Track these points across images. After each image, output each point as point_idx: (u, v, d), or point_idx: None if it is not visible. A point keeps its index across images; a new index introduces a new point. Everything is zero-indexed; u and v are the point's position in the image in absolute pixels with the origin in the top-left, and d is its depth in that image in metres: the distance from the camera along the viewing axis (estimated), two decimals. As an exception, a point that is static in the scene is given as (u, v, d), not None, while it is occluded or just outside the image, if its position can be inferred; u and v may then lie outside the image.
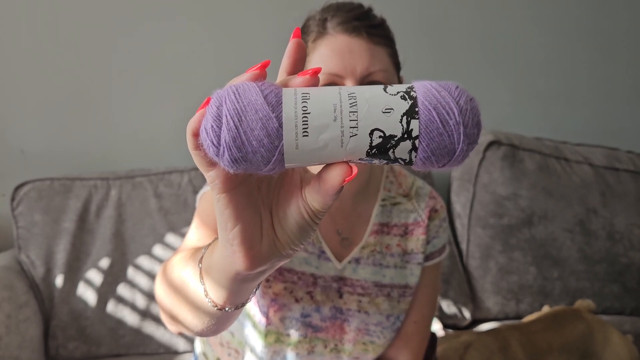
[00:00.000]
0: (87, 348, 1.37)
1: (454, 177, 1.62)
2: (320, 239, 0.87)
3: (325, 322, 0.87)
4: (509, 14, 1.77)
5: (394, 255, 0.90)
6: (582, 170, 1.59)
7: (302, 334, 0.85)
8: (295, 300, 0.85)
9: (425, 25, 1.74)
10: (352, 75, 0.76)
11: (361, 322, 0.88)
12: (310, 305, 0.85)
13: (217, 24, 1.64)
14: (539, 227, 1.53)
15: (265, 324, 0.85)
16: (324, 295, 0.86)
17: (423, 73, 1.76)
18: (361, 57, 0.76)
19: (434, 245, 0.94)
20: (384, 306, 0.89)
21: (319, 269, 0.86)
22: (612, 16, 1.81)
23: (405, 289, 0.91)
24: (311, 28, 0.80)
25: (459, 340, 1.05)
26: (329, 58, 0.77)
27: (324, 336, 0.87)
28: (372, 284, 0.88)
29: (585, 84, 1.83)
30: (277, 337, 0.85)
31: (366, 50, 0.77)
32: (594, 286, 1.55)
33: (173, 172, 1.50)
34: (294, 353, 0.86)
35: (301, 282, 0.86)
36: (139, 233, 1.43)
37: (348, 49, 0.76)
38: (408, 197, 0.93)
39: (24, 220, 1.40)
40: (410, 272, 0.91)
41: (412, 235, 0.92)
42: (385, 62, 0.78)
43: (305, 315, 0.85)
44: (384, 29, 0.80)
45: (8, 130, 1.61)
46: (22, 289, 1.34)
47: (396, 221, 0.91)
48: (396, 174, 0.95)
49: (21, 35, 1.57)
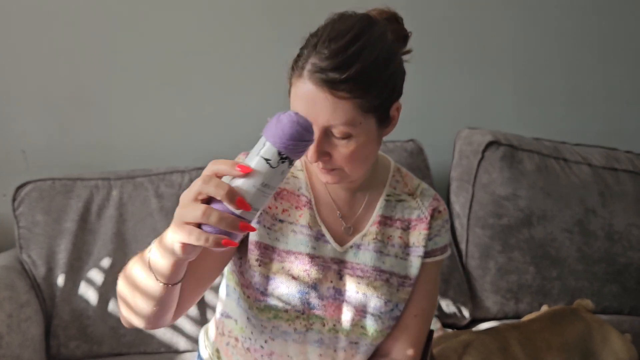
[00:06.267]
0: (88, 347, 1.38)
1: (453, 178, 1.62)
2: (320, 223, 0.93)
3: (323, 300, 0.91)
4: (509, 15, 1.77)
5: (395, 246, 0.95)
6: (581, 170, 1.60)
7: (299, 310, 0.89)
8: (292, 278, 0.89)
9: (425, 25, 1.74)
10: (316, 123, 0.78)
11: (359, 304, 0.92)
12: (306, 282, 0.90)
13: (219, 24, 1.65)
14: (538, 227, 1.54)
15: (262, 300, 0.89)
16: (321, 274, 0.90)
17: (423, 73, 1.76)
18: (323, 110, 0.78)
19: (436, 243, 0.97)
20: (383, 290, 0.92)
21: (317, 249, 0.91)
22: (611, 17, 1.82)
23: (405, 279, 0.95)
24: (299, 60, 0.81)
25: (457, 340, 1.05)
26: (299, 101, 0.80)
27: (322, 314, 0.91)
28: (371, 267, 0.93)
29: (585, 84, 1.84)
30: (275, 313, 0.89)
31: (329, 105, 0.77)
32: (592, 286, 1.56)
33: (174, 172, 1.51)
34: (291, 329, 0.90)
35: (298, 261, 0.90)
36: (140, 233, 1.43)
37: (312, 100, 0.78)
38: (413, 196, 0.98)
39: (25, 220, 1.41)
40: (411, 263, 0.95)
41: (414, 230, 0.96)
42: (348, 116, 0.78)
43: (303, 293, 0.89)
44: (356, 81, 0.77)
45: (9, 131, 1.61)
46: (24, 289, 1.34)
47: (400, 216, 0.96)
48: (403, 175, 1.00)
49: (22, 35, 1.58)
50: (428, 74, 1.77)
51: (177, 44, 1.64)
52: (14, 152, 1.63)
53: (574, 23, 1.80)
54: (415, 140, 1.62)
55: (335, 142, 0.81)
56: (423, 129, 1.72)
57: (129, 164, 1.60)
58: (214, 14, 1.64)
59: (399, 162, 1.52)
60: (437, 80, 1.77)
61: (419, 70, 1.75)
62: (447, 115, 1.79)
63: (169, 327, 1.40)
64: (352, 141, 0.81)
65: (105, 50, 1.62)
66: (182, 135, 1.69)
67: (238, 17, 1.65)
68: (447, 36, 1.75)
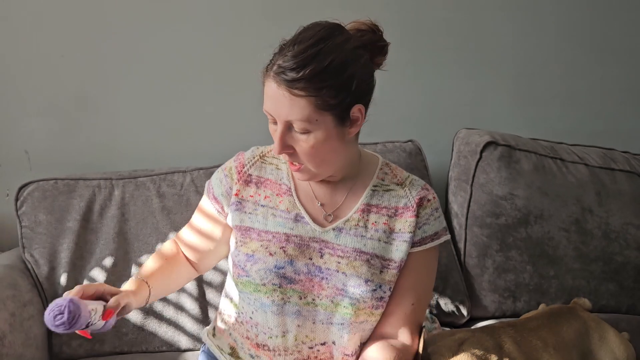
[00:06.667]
0: (90, 346, 1.39)
1: (452, 178, 1.63)
2: (299, 207, 1.02)
3: (299, 275, 0.99)
4: (506, 16, 1.78)
5: (379, 231, 1.01)
6: (577, 170, 1.61)
7: (276, 283, 0.98)
8: (269, 254, 0.99)
9: (423, 27, 1.75)
10: (279, 118, 0.91)
11: (339, 282, 0.98)
12: (283, 258, 0.98)
13: (219, 25, 1.66)
14: (535, 227, 1.55)
15: (244, 275, 1.00)
16: (298, 251, 0.99)
17: (421, 75, 1.78)
18: (283, 106, 0.90)
19: (425, 231, 1.03)
20: (362, 270, 0.98)
21: (294, 230, 1.01)
22: (608, 18, 1.82)
23: (389, 261, 1.01)
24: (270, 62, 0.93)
25: (453, 338, 1.05)
26: (267, 99, 0.93)
27: (299, 288, 0.99)
28: (351, 249, 1.00)
29: (582, 85, 1.85)
30: (255, 287, 0.99)
31: (287, 101, 0.89)
32: (590, 284, 1.57)
33: (175, 172, 1.52)
34: (269, 301, 0.98)
35: (275, 239, 1.00)
36: (142, 232, 1.44)
37: (275, 97, 0.90)
38: (402, 186, 1.05)
39: (28, 219, 1.42)
40: (396, 248, 1.01)
41: (401, 217, 1.02)
42: (304, 112, 0.89)
43: (279, 267, 0.98)
44: (311, 80, 0.87)
45: (12, 131, 1.63)
46: (26, 288, 1.36)
47: (386, 204, 1.03)
48: (392, 168, 1.08)
49: (25, 36, 1.59)
50: (426, 75, 1.78)
51: (178, 46, 1.65)
52: (17, 152, 1.64)
53: (570, 24, 1.81)
54: (414, 141, 1.63)
55: (296, 136, 0.92)
56: (421, 130, 1.74)
57: (131, 164, 1.61)
58: (214, 15, 1.65)
59: (398, 162, 1.53)
60: (435, 82, 1.79)
61: (418, 71, 1.78)
62: (446, 116, 1.80)
63: (170, 325, 1.41)
64: (310, 136, 0.91)
65: (108, 52, 1.63)
66: (184, 136, 1.70)
67: (238, 18, 1.66)
68: (445, 38, 1.76)
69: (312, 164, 0.94)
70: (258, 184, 1.05)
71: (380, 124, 1.77)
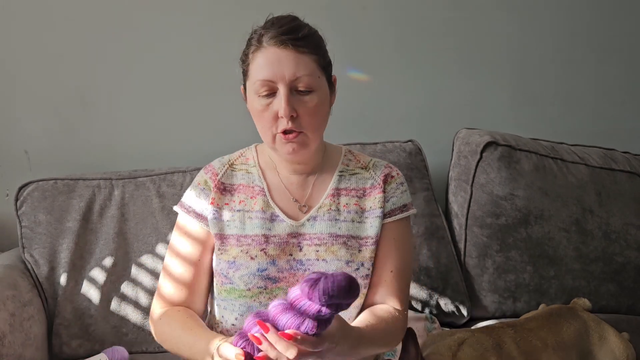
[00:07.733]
0: (90, 346, 1.39)
1: (452, 178, 1.63)
2: (273, 206, 1.04)
3: (283, 272, 1.00)
4: (506, 16, 1.78)
5: (351, 212, 1.05)
6: (578, 170, 1.61)
7: (262, 286, 0.99)
8: (250, 258, 1.00)
9: (423, 27, 1.75)
10: (282, 80, 0.94)
11: (321, 269, 1.00)
12: (265, 260, 1.00)
13: (219, 25, 1.66)
14: (536, 227, 1.55)
15: (227, 283, 1.01)
16: (278, 249, 1.01)
17: (421, 75, 1.78)
18: (288, 65, 0.94)
19: (393, 204, 1.06)
20: (341, 253, 1.01)
21: (271, 230, 1.02)
22: (608, 18, 1.82)
23: (365, 239, 1.04)
24: (252, 42, 0.99)
25: (452, 338, 1.06)
26: (264, 67, 0.95)
27: (284, 285, 1.00)
28: (327, 235, 1.03)
29: (582, 85, 1.85)
30: (239, 293, 1.00)
31: (293, 59, 0.94)
32: (590, 285, 1.57)
33: (175, 172, 1.52)
34: (256, 303, 1.00)
35: (254, 242, 1.01)
36: (141, 232, 1.45)
37: (277, 59, 0.94)
38: (366, 169, 1.09)
39: (27, 219, 1.42)
40: (370, 225, 1.04)
41: (369, 197, 1.06)
42: (310, 67, 0.95)
43: (262, 270, 0.99)
44: (309, 39, 0.96)
45: (12, 131, 1.63)
46: (26, 288, 1.36)
47: (355, 186, 1.07)
48: (355, 155, 1.13)
49: (25, 36, 1.59)
50: (427, 75, 1.78)
51: (178, 46, 1.65)
52: (16, 152, 1.64)
53: (570, 24, 1.81)
54: (414, 141, 1.63)
55: (300, 98, 0.95)
56: (422, 130, 1.74)
57: (131, 164, 1.61)
58: (214, 15, 1.65)
59: (398, 162, 1.53)
60: (435, 82, 1.79)
61: (418, 71, 1.78)
62: (446, 116, 1.80)
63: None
64: (314, 95, 0.96)
65: (107, 52, 1.63)
66: (183, 136, 1.70)
67: (238, 18, 1.66)
68: (445, 38, 1.76)
69: (312, 127, 0.97)
70: (232, 191, 1.06)
71: (380, 124, 1.78)
